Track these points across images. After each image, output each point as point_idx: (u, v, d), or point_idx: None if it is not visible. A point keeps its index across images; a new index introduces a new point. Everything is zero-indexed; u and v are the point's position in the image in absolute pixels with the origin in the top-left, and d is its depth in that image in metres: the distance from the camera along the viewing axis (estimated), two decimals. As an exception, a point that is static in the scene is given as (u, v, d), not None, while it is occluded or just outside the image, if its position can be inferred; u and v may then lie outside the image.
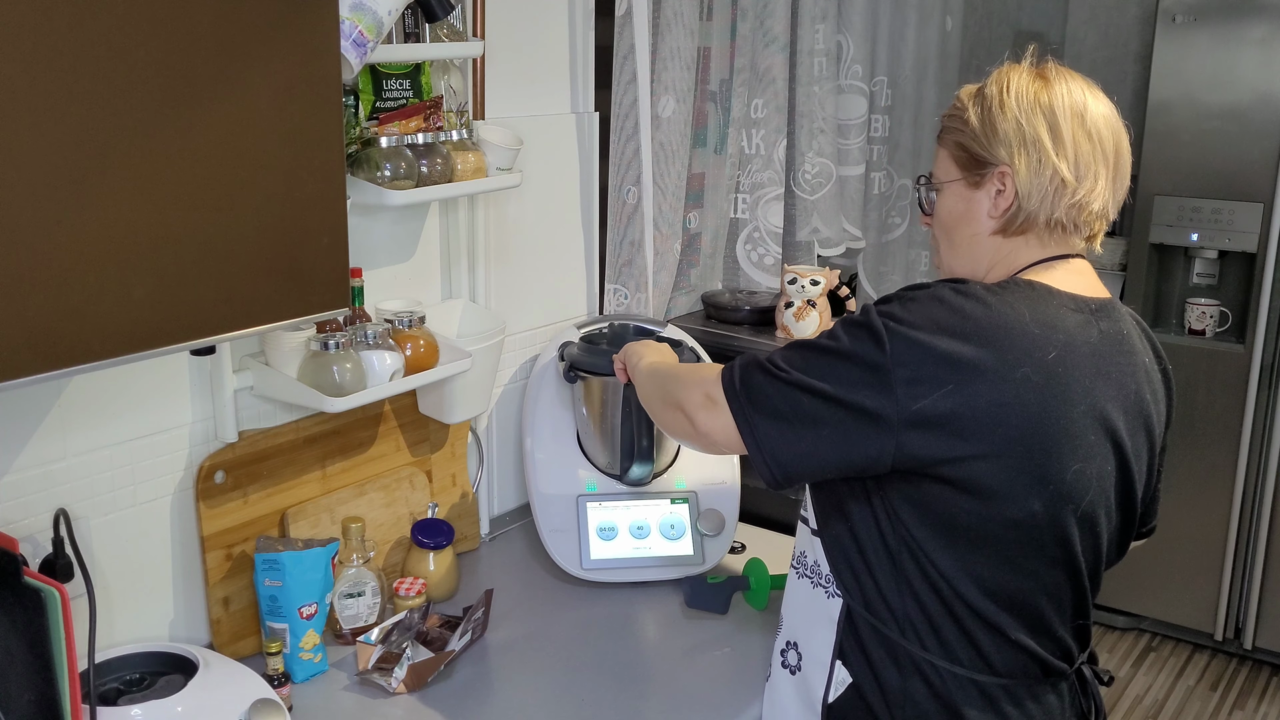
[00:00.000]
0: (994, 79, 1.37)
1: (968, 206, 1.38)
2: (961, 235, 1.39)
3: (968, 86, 1.42)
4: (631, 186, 2.18)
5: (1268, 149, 3.23)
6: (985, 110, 1.35)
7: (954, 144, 1.38)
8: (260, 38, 1.13)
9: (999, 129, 1.33)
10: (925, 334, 1.22)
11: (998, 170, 1.33)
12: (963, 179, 1.37)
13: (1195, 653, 3.61)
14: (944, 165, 1.40)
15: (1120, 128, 1.35)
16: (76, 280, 1.04)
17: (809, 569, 1.41)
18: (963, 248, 1.40)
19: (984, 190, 1.35)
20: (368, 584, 1.64)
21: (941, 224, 1.42)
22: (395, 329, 1.63)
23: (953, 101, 1.42)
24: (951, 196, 1.39)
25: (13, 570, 1.17)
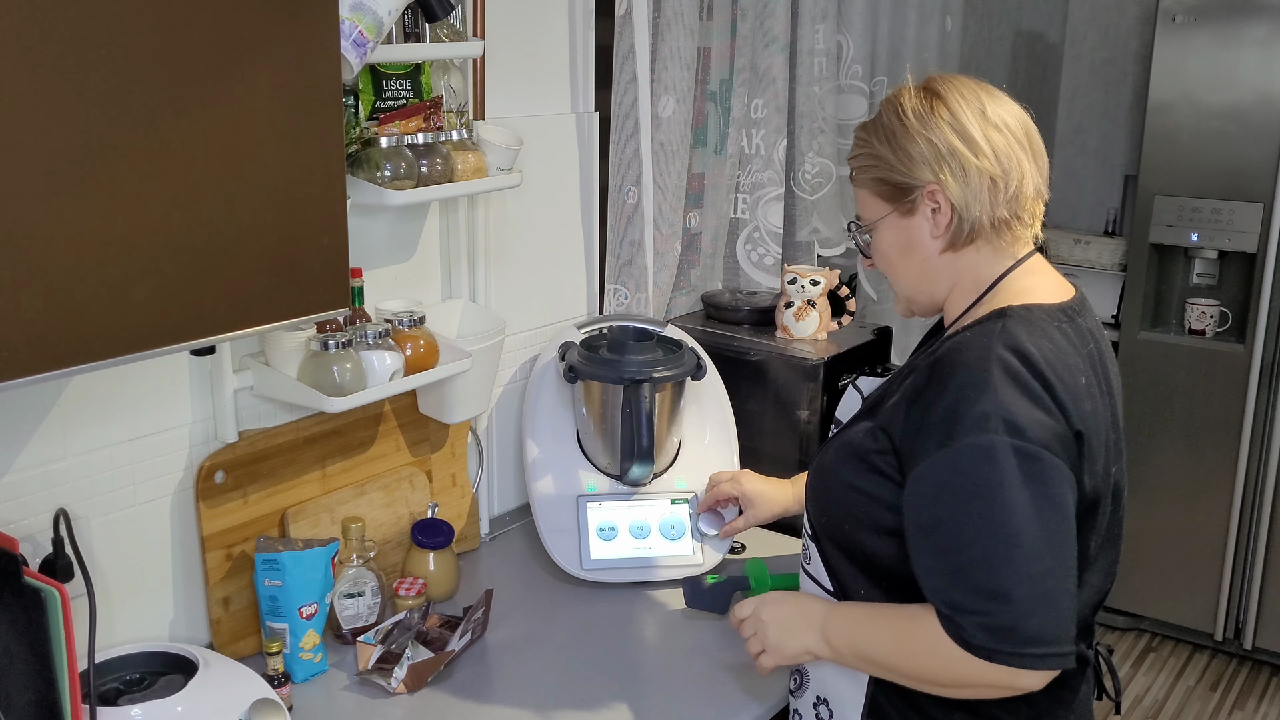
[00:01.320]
0: (884, 107, 1.38)
1: (908, 235, 1.37)
2: (910, 264, 1.39)
3: (861, 123, 1.42)
4: (631, 186, 2.18)
5: (1268, 149, 3.23)
6: (890, 138, 1.35)
7: (871, 181, 1.38)
8: (260, 38, 1.13)
9: (911, 152, 1.33)
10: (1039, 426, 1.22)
11: (925, 190, 1.33)
12: (893, 211, 1.36)
13: (1195, 653, 3.61)
14: (869, 205, 1.39)
15: (1020, 110, 1.36)
16: (76, 280, 1.04)
17: None
18: (915, 275, 1.39)
19: (919, 214, 1.35)
20: (368, 584, 1.64)
21: (886, 260, 1.41)
22: (395, 329, 1.63)
23: (853, 144, 1.42)
24: (888, 230, 1.38)
25: (13, 570, 1.17)
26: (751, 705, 1.53)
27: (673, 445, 1.94)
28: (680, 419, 1.93)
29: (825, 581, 1.40)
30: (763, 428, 2.09)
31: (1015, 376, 1.22)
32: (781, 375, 2.09)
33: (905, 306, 1.45)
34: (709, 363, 2.00)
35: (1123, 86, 4.18)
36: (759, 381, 2.11)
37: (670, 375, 1.84)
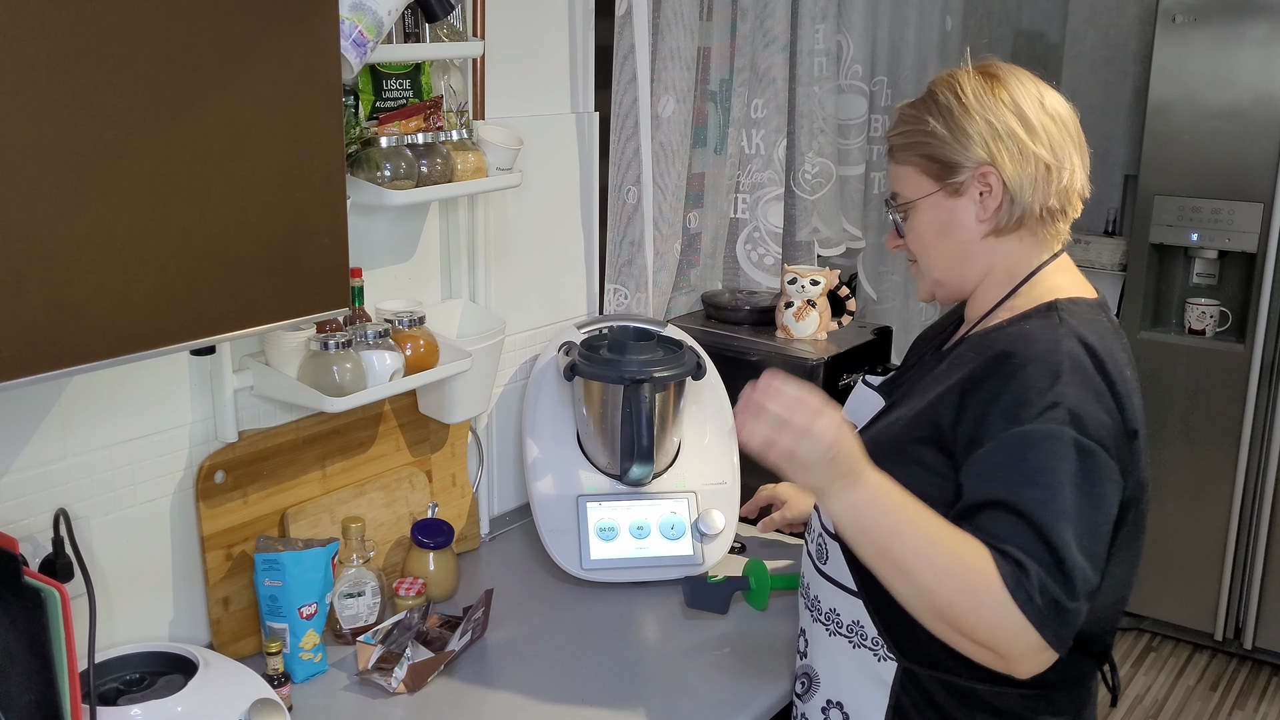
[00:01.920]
0: (942, 86, 1.36)
1: (951, 216, 1.35)
2: (948, 246, 1.37)
3: (907, 102, 1.40)
4: (631, 186, 2.18)
5: (1268, 149, 3.23)
6: (946, 115, 1.33)
7: (919, 158, 1.36)
8: (260, 38, 1.13)
9: (969, 130, 1.32)
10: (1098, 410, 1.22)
11: (978, 171, 1.32)
12: (939, 190, 1.35)
13: (1195, 653, 3.61)
14: (911, 182, 1.37)
15: (1070, 108, 1.37)
16: (76, 280, 1.04)
17: (845, 628, 1.37)
18: (951, 258, 1.37)
19: (966, 196, 1.33)
20: (368, 584, 1.64)
21: (922, 241, 1.39)
22: (395, 329, 1.63)
23: (896, 119, 1.39)
24: (929, 210, 1.36)
25: (13, 570, 1.17)
26: (751, 705, 1.53)
27: (672, 445, 1.94)
28: (680, 419, 1.93)
29: (847, 581, 1.35)
30: (763, 428, 2.09)
31: (1083, 371, 1.22)
32: (781, 375, 2.09)
33: (930, 290, 1.42)
34: (709, 363, 2.00)
35: (1123, 86, 4.18)
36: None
37: (670, 375, 1.84)
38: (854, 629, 1.36)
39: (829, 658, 1.41)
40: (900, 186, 1.39)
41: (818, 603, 1.42)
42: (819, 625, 1.42)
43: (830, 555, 1.38)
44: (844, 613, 1.37)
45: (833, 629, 1.39)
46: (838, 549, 1.36)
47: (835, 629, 1.39)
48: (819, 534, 1.42)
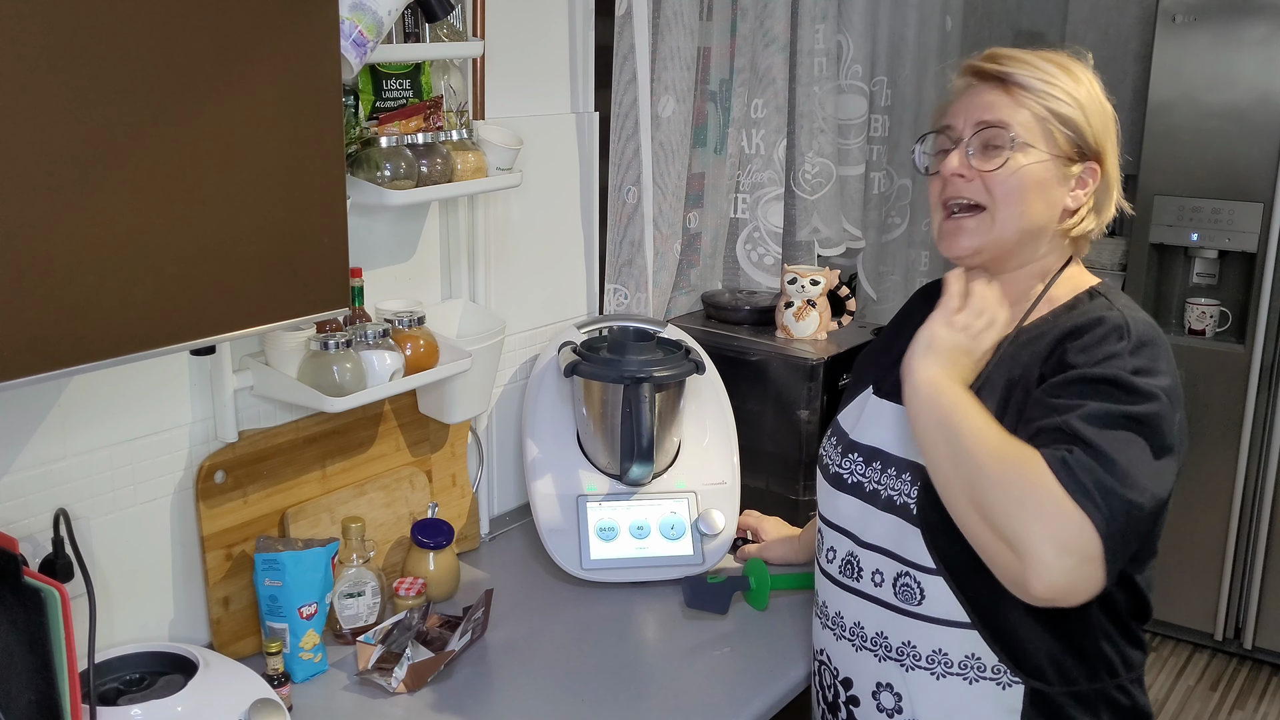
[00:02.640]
0: (1073, 65, 1.32)
1: (1055, 186, 1.30)
2: (1038, 211, 1.30)
3: (1039, 54, 1.32)
4: (631, 186, 2.18)
5: (1268, 149, 3.23)
6: (1089, 94, 1.31)
7: (1056, 115, 1.29)
8: (260, 38, 1.13)
9: (1101, 118, 1.31)
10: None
11: (1091, 164, 1.31)
12: (1054, 154, 1.29)
13: (1195, 653, 3.61)
14: (1032, 129, 1.29)
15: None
16: (76, 280, 1.04)
17: (958, 666, 1.30)
18: (1033, 224, 1.30)
19: (1069, 179, 1.31)
20: (368, 584, 1.64)
21: (1021, 189, 1.28)
22: (395, 329, 1.63)
23: (1026, 60, 1.30)
24: (1041, 167, 1.29)
25: (13, 570, 1.17)
26: (751, 705, 1.53)
27: (672, 445, 1.93)
28: (680, 419, 1.93)
29: (955, 614, 1.28)
30: (763, 428, 2.09)
31: (1159, 341, 1.25)
32: (781, 375, 2.09)
33: (979, 244, 1.32)
34: (709, 363, 2.00)
35: (1123, 86, 4.18)
36: (759, 381, 2.11)
37: (670, 375, 1.84)
38: (968, 664, 1.29)
39: (939, 704, 1.32)
40: (1014, 121, 1.29)
41: (913, 649, 1.32)
42: (920, 673, 1.32)
43: (927, 593, 1.30)
44: (954, 649, 1.30)
45: (940, 671, 1.31)
46: (939, 583, 1.29)
47: (945, 670, 1.31)
48: (903, 576, 1.32)
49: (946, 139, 1.35)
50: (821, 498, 1.49)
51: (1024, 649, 1.28)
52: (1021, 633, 1.27)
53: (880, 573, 1.35)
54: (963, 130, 1.32)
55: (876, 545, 1.36)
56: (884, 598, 1.35)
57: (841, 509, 1.42)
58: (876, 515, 1.36)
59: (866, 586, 1.37)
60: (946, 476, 1.20)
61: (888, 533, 1.34)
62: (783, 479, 2.08)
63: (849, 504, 1.41)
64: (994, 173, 1.29)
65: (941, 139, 1.37)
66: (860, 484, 1.40)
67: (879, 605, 1.36)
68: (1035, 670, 1.28)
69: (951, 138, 1.34)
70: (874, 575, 1.36)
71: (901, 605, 1.33)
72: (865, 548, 1.37)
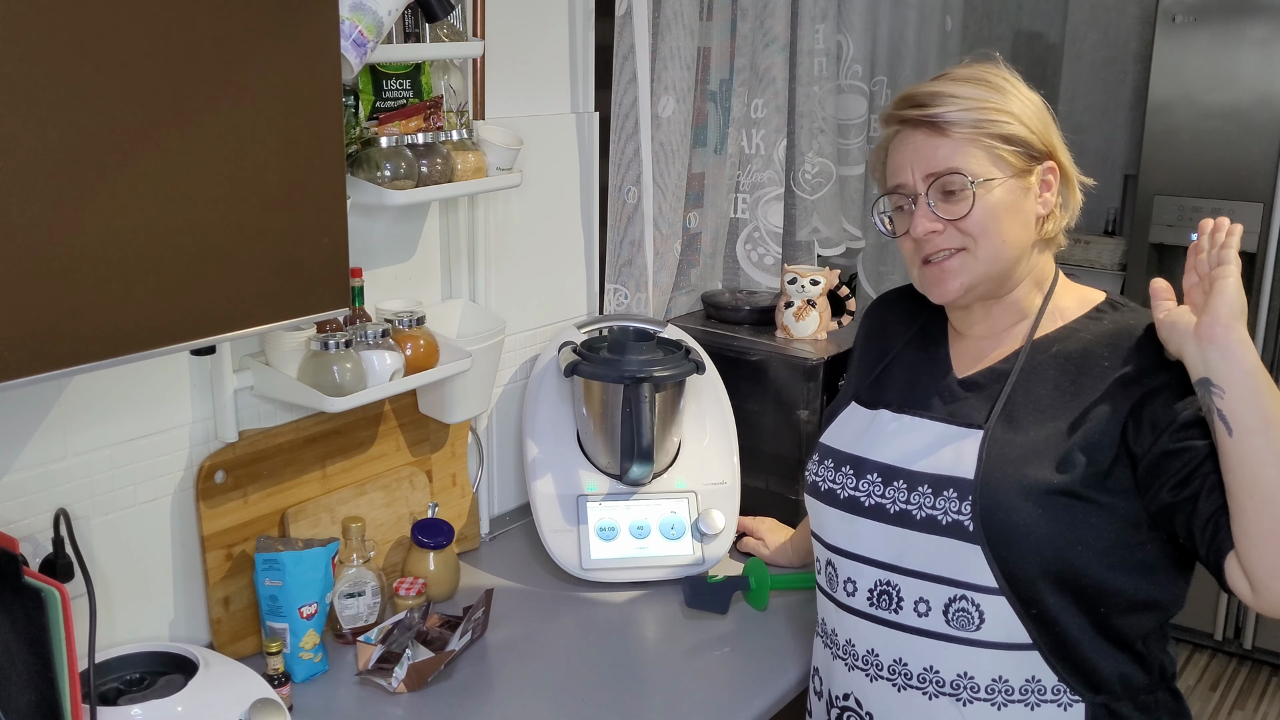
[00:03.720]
0: (990, 74, 1.31)
1: (1022, 202, 1.29)
2: (1017, 234, 1.29)
3: (949, 78, 1.30)
4: (631, 186, 2.18)
5: (1268, 149, 3.23)
6: (1019, 99, 1.30)
7: (992, 138, 1.26)
8: (260, 37, 1.13)
9: (1041, 120, 1.30)
10: None
11: (1048, 164, 1.30)
12: (1012, 174, 1.28)
13: (1195, 653, 3.61)
14: (981, 160, 1.26)
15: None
16: (76, 280, 1.04)
17: (1019, 691, 1.25)
18: (1015, 247, 1.29)
19: (1031, 189, 1.30)
20: (368, 584, 1.64)
21: (995, 223, 1.27)
22: (395, 329, 1.63)
23: (945, 96, 1.27)
24: (1004, 191, 1.27)
25: (13, 570, 1.17)
26: (752, 705, 1.53)
27: (672, 445, 1.94)
28: (680, 419, 1.93)
29: (1016, 636, 1.24)
30: (763, 428, 2.09)
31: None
32: (781, 375, 2.09)
33: (969, 283, 1.30)
34: (709, 363, 2.00)
35: (1123, 86, 4.18)
36: (759, 381, 2.11)
37: (670, 375, 1.84)
38: (1029, 688, 1.25)
39: None
40: (965, 163, 1.26)
41: (970, 680, 1.26)
42: (980, 706, 1.26)
43: (987, 616, 1.24)
44: (1014, 675, 1.25)
45: (1001, 700, 1.26)
46: (1000, 604, 1.23)
47: (1005, 699, 1.26)
48: (958, 600, 1.26)
49: (901, 196, 1.33)
50: (828, 526, 1.38)
51: (1090, 664, 1.25)
52: (1085, 647, 1.24)
53: (925, 600, 1.27)
54: (915, 185, 1.30)
55: (920, 571, 1.28)
56: (932, 628, 1.27)
57: (864, 536, 1.32)
58: (915, 538, 1.28)
59: (908, 618, 1.29)
60: (1278, 467, 1.11)
61: (934, 556, 1.26)
62: (783, 479, 2.08)
63: (873, 530, 1.31)
64: (963, 220, 1.27)
65: (896, 197, 1.34)
66: (881, 506, 1.31)
67: (926, 636, 1.28)
68: (1100, 684, 1.25)
69: (906, 193, 1.32)
70: (918, 604, 1.28)
71: (955, 633, 1.26)
72: (904, 574, 1.29)
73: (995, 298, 1.34)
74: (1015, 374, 1.31)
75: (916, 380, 1.40)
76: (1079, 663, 1.25)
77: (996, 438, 1.27)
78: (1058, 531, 1.21)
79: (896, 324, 1.49)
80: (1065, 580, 1.22)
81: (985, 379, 1.34)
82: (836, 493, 1.37)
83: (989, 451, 1.26)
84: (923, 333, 1.45)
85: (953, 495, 1.26)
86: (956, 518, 1.25)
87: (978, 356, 1.37)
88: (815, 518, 1.42)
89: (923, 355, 1.42)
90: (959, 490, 1.26)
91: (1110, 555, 1.22)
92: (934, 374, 1.39)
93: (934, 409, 1.34)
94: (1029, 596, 1.23)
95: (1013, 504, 1.22)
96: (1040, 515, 1.21)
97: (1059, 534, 1.21)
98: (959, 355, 1.39)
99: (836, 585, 1.38)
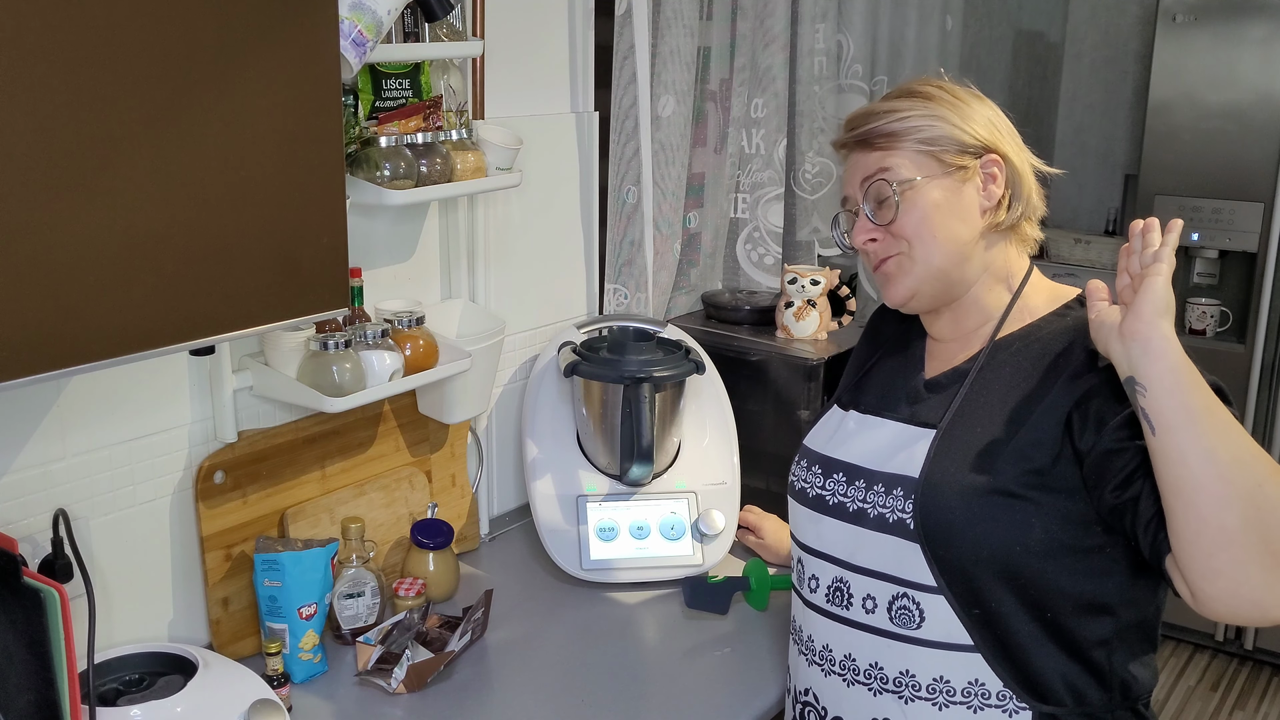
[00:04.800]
0: (922, 85, 1.34)
1: (958, 199, 1.29)
2: (954, 233, 1.29)
3: (882, 99, 1.35)
4: (631, 186, 2.18)
5: (1268, 148, 3.23)
6: (952, 102, 1.31)
7: (919, 142, 1.28)
8: (260, 37, 1.13)
9: (975, 118, 1.30)
10: None
11: (984, 159, 1.30)
12: (945, 173, 1.29)
13: (1196, 653, 3.61)
14: (910, 164, 1.29)
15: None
16: (75, 280, 1.04)
17: (960, 694, 1.25)
18: (956, 247, 1.29)
19: (970, 184, 1.29)
20: (367, 584, 1.64)
21: (927, 224, 1.28)
22: (395, 329, 1.63)
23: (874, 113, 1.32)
24: (934, 190, 1.28)
25: (12, 570, 1.17)
26: (751, 706, 1.52)
27: (672, 445, 1.93)
28: (680, 419, 1.93)
29: (956, 636, 1.24)
30: (763, 428, 2.09)
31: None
32: (781, 375, 2.09)
33: (913, 288, 1.31)
34: (709, 363, 2.00)
35: (1123, 86, 4.18)
36: (759, 381, 2.11)
37: (670, 375, 1.84)
38: (972, 691, 1.25)
39: None
40: (889, 168, 1.30)
41: (911, 678, 1.27)
42: (921, 705, 1.26)
43: (927, 614, 1.25)
44: (956, 676, 1.25)
45: (943, 701, 1.25)
46: (939, 602, 1.24)
47: (947, 700, 1.25)
48: (900, 598, 1.27)
49: (850, 213, 1.37)
50: (800, 525, 1.41)
51: (1035, 670, 1.24)
52: (1032, 653, 1.23)
53: (872, 597, 1.29)
54: (857, 198, 1.34)
55: (868, 568, 1.29)
56: (877, 624, 1.29)
57: (826, 534, 1.35)
58: (867, 536, 1.30)
59: (857, 614, 1.31)
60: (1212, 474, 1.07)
61: (881, 553, 1.28)
62: (783, 479, 2.07)
63: (834, 528, 1.34)
64: (893, 223, 1.30)
65: (847, 215, 1.39)
66: (843, 505, 1.33)
67: (872, 633, 1.29)
68: (1046, 693, 1.24)
69: (851, 209, 1.36)
70: (865, 601, 1.30)
71: (898, 630, 1.27)
72: (855, 572, 1.31)
73: (954, 298, 1.34)
74: (973, 374, 1.31)
75: (891, 382, 1.41)
76: (1024, 668, 1.24)
77: (945, 438, 1.28)
78: (993, 530, 1.21)
79: (888, 329, 1.50)
80: (1007, 580, 1.22)
81: (948, 379, 1.34)
82: (807, 491, 1.39)
83: (935, 451, 1.27)
84: (907, 336, 1.46)
85: (899, 494, 1.27)
86: (900, 516, 1.26)
87: (946, 357, 1.37)
88: (790, 516, 1.45)
89: (901, 358, 1.43)
90: (904, 489, 1.27)
91: (1055, 556, 1.21)
92: (906, 375, 1.40)
93: (898, 410, 1.36)
94: (968, 596, 1.23)
95: (949, 503, 1.23)
96: (976, 514, 1.21)
97: (994, 533, 1.21)
98: (931, 357, 1.40)
99: (803, 582, 1.40)
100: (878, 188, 1.31)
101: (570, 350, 1.91)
